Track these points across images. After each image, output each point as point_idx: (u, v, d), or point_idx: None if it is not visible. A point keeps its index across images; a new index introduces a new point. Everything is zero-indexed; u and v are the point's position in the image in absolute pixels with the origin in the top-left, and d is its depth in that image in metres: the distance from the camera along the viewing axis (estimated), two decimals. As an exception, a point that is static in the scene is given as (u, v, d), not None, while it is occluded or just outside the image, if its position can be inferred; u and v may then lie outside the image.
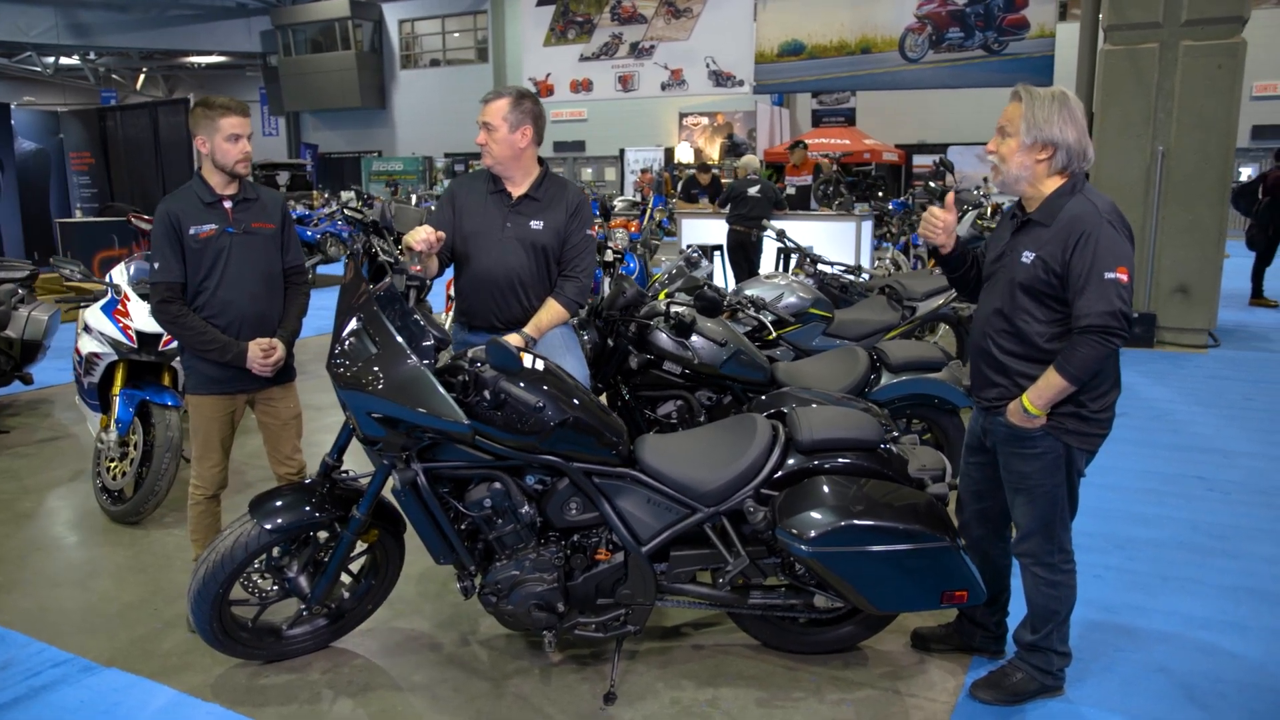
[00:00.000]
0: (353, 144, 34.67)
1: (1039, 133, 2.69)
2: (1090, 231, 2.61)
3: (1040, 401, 2.70)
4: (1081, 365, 2.61)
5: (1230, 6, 8.30)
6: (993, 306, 2.87)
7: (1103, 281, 2.57)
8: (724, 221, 10.13)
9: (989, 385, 2.89)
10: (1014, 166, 2.75)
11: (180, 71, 38.11)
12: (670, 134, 28.84)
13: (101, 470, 4.69)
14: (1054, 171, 2.74)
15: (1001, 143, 2.78)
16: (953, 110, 24.76)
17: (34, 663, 3.30)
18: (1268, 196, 11.36)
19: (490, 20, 30.94)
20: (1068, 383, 2.65)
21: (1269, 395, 6.95)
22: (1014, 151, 2.74)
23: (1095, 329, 2.58)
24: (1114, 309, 2.56)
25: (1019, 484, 2.86)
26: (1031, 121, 2.69)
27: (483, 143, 3.50)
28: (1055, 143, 2.69)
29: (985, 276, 2.98)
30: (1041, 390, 2.69)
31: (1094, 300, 2.57)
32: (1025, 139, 2.71)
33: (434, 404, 2.67)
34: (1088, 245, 2.60)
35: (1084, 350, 2.60)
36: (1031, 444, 2.79)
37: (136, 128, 12.64)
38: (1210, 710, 2.97)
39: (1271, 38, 8.85)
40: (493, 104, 3.50)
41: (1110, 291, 2.56)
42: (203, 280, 3.38)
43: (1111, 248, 2.59)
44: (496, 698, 3.07)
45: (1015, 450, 2.84)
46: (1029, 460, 2.81)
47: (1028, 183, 2.77)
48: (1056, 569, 2.88)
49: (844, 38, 13.89)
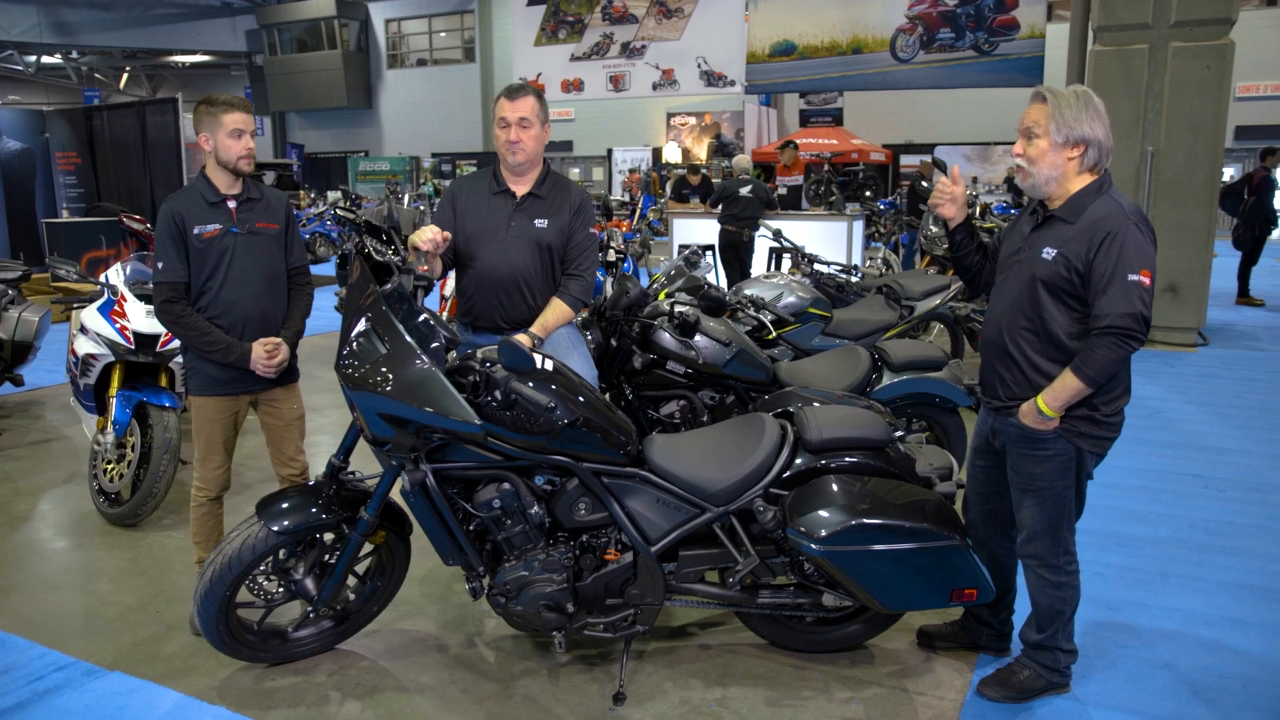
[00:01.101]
0: (339, 144, 34.54)
1: (1070, 131, 2.69)
2: (1116, 232, 2.60)
3: (1056, 403, 2.70)
4: (1099, 367, 2.61)
5: (1218, 8, 8.37)
6: (1009, 302, 2.85)
7: (1126, 283, 2.57)
8: (715, 221, 10.14)
9: (999, 383, 2.89)
10: (1045, 167, 2.74)
11: (164, 71, 37.87)
12: (658, 134, 28.87)
13: (98, 472, 4.64)
14: (1084, 169, 2.74)
15: (1029, 145, 2.76)
16: (939, 110, 24.91)
17: (36, 667, 3.26)
18: (1253, 196, 11.50)
19: (477, 20, 30.89)
20: (1084, 385, 2.65)
21: (1259, 393, 7.01)
22: (1044, 152, 2.73)
23: (1116, 330, 2.57)
24: (1136, 311, 2.56)
25: (1028, 485, 2.87)
26: (1061, 121, 2.69)
27: (516, 140, 3.42)
28: (1086, 140, 2.70)
29: (1000, 270, 2.98)
30: (1058, 392, 2.69)
31: (1116, 301, 2.57)
32: (1056, 138, 2.70)
33: (446, 405, 2.66)
34: (1113, 246, 2.60)
35: (1102, 352, 2.60)
36: (1044, 446, 2.79)
37: (124, 127, 12.52)
38: (1215, 706, 3.00)
39: (1254, 39, 8.91)
40: (523, 100, 3.44)
41: (1133, 294, 2.56)
42: (206, 280, 3.36)
43: (1137, 250, 2.59)
44: (505, 699, 3.06)
45: (1026, 452, 2.84)
46: (1041, 462, 2.81)
47: (1057, 183, 2.76)
48: (1061, 570, 2.89)
49: (835, 38, 13.92)
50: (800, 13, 14.27)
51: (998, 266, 3.01)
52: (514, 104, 3.43)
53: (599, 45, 16.01)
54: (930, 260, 7.91)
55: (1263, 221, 11.49)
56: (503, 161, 3.52)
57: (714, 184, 13.16)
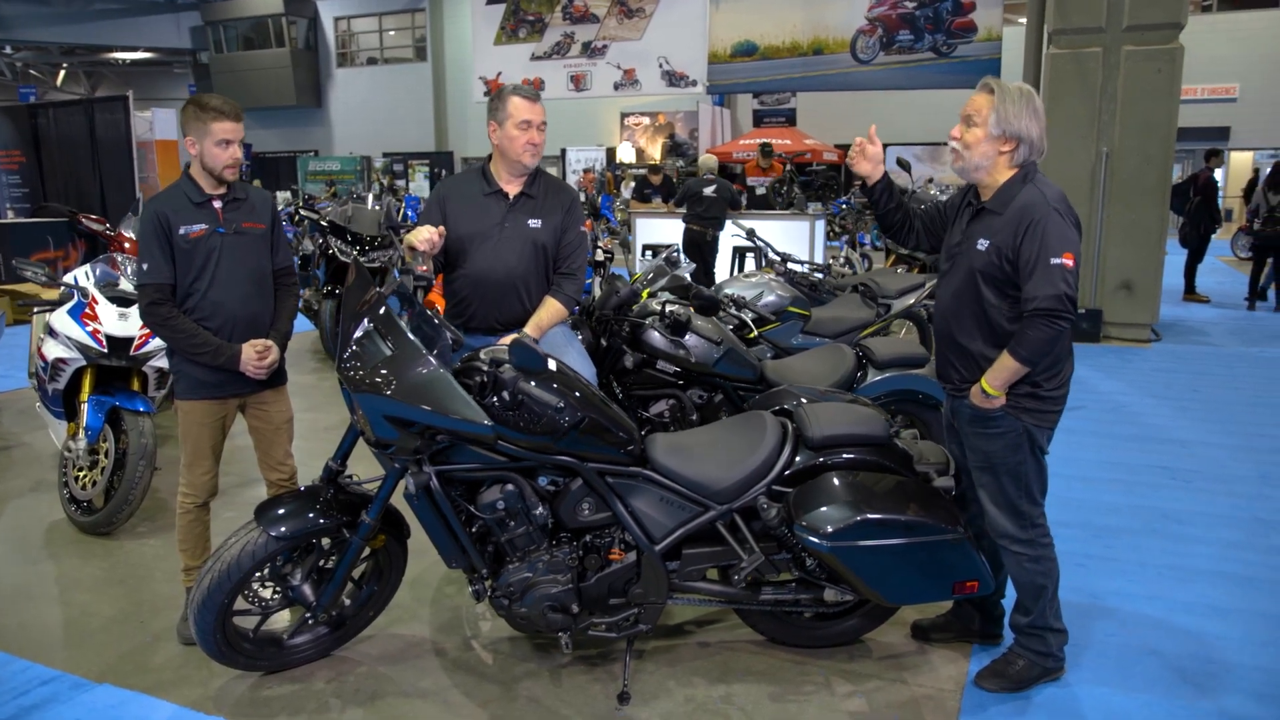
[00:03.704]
0: (288, 143, 33.92)
1: (1007, 126, 2.80)
2: (1038, 219, 2.73)
3: (997, 383, 2.81)
4: (1032, 347, 2.73)
5: (1169, 12, 8.62)
6: (952, 292, 2.98)
7: (1049, 267, 2.69)
8: (679, 221, 10.17)
9: (952, 369, 3.02)
10: (977, 155, 2.86)
11: (104, 68, 36.83)
12: (612, 134, 28.83)
13: (69, 480, 4.51)
14: (1014, 164, 2.87)
15: (967, 130, 2.88)
16: (890, 111, 25.21)
17: (19, 681, 3.16)
18: (1199, 196, 11.87)
19: (429, 19, 30.57)
20: (1020, 364, 2.77)
21: (1213, 387, 7.23)
22: (979, 140, 2.84)
23: (1043, 312, 2.69)
24: (1059, 292, 2.67)
25: (983, 463, 2.98)
26: (1002, 114, 2.80)
27: (537, 142, 3.47)
28: (1020, 137, 2.82)
29: (944, 261, 3.09)
30: (998, 372, 2.81)
31: (1041, 284, 2.69)
32: (993, 130, 2.82)
33: (456, 406, 2.64)
34: (1036, 232, 2.72)
35: (1033, 333, 2.72)
36: (993, 424, 2.90)
37: (71, 125, 12.15)
38: (1203, 689, 3.09)
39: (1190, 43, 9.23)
40: (539, 104, 3.50)
41: (1056, 276, 2.68)
42: (193, 281, 3.28)
43: (1058, 234, 2.71)
44: (509, 701, 3.04)
45: (979, 430, 2.95)
46: (991, 440, 2.93)
47: (986, 171, 2.89)
48: (1035, 544, 2.98)
49: (796, 39, 14.06)
50: (762, 13, 14.39)
51: (941, 256, 3.11)
52: (534, 106, 3.47)
53: (560, 44, 15.97)
54: (896, 259, 8.02)
55: (1207, 221, 11.87)
56: (513, 162, 3.50)
57: (675, 184, 13.21)
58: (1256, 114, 23.27)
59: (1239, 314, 10.87)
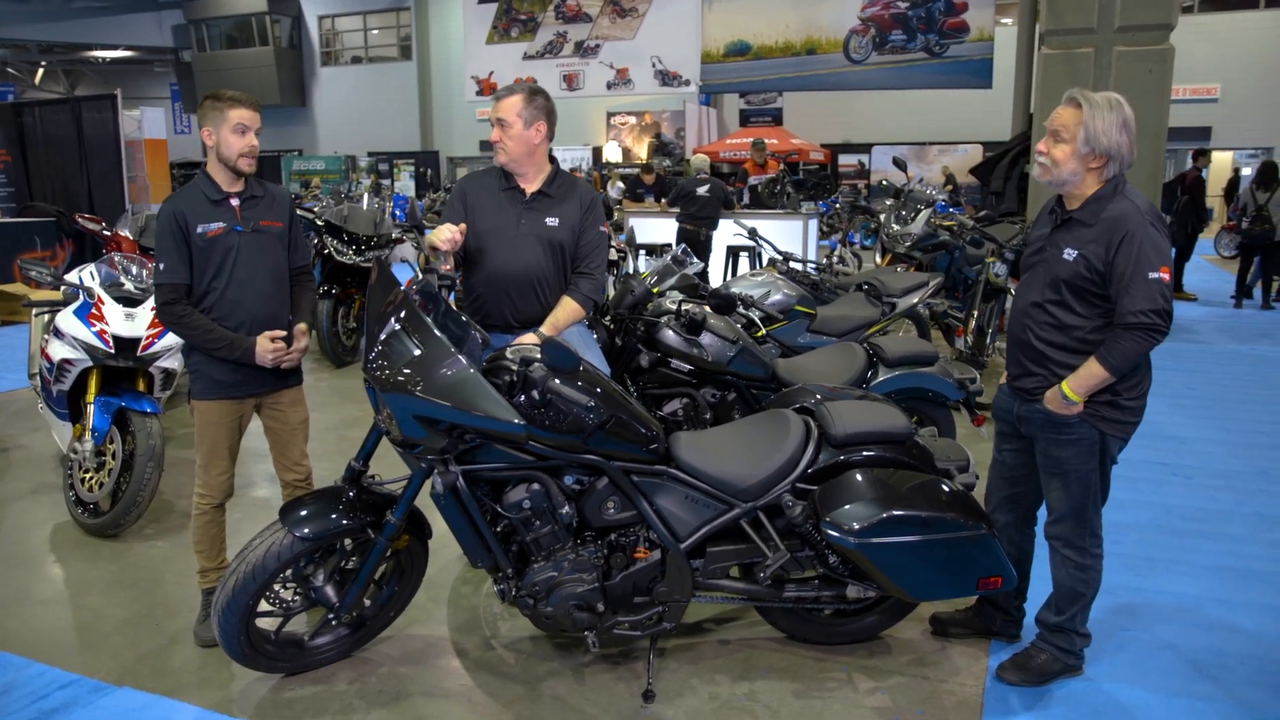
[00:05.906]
0: (272, 142, 33.64)
1: (1096, 144, 2.77)
2: (1134, 232, 2.72)
3: (1081, 389, 2.81)
4: (1124, 358, 2.74)
5: (1159, 13, 8.71)
6: (1031, 299, 2.97)
7: (1147, 281, 2.69)
8: (673, 220, 10.19)
9: (1027, 375, 3.00)
10: (1065, 171, 2.84)
11: (84, 66, 36.47)
12: (598, 133, 28.83)
13: (75, 482, 4.46)
14: (1103, 179, 2.85)
15: (1054, 146, 2.85)
16: (877, 111, 25.35)
17: (37, 685, 3.14)
18: (1186, 195, 12.00)
19: (414, 18, 30.46)
20: (1109, 373, 2.77)
21: (1207, 384, 7.32)
22: (1068, 157, 2.81)
23: (1143, 326, 2.69)
24: (1158, 307, 2.68)
25: (1055, 469, 2.97)
26: (1091, 131, 2.76)
27: (496, 139, 3.47)
28: (1110, 154, 2.79)
29: (1024, 268, 3.09)
30: (1083, 379, 2.80)
31: (1139, 299, 2.69)
32: (1082, 148, 2.79)
33: (488, 406, 2.64)
34: (1131, 245, 2.71)
35: (1128, 344, 2.72)
36: (1068, 430, 2.90)
37: (58, 124, 12.01)
38: (1219, 682, 3.13)
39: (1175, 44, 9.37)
40: (506, 100, 3.47)
41: (1155, 290, 2.69)
42: (211, 280, 3.26)
43: (1155, 248, 2.71)
44: (534, 701, 3.04)
45: (1052, 436, 2.94)
46: (1065, 446, 2.92)
47: (1075, 185, 2.87)
48: (1087, 553, 3.00)
49: (789, 39, 14.10)
50: (755, 13, 14.43)
51: (1021, 264, 3.10)
52: (497, 104, 3.49)
53: (552, 44, 15.94)
54: (893, 258, 8.06)
55: (1194, 220, 12.00)
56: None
57: (667, 183, 13.23)
58: (1237, 114, 23.55)
59: (1226, 312, 11.00)
